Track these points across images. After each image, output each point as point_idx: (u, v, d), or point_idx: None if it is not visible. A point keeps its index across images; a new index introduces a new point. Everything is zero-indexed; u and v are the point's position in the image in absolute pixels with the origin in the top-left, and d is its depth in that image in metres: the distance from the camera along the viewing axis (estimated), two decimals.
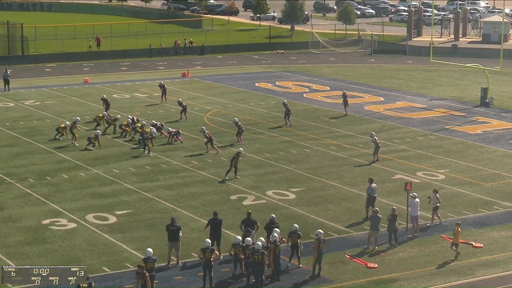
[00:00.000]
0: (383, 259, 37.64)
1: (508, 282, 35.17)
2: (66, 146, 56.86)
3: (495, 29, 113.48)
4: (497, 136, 61.59)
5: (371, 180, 43.19)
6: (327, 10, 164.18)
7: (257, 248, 34.01)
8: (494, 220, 43.07)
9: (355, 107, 70.78)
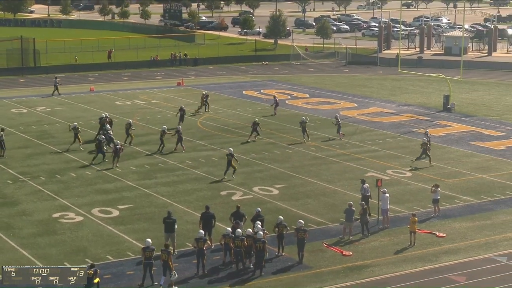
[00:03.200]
0: (357, 248, 37.68)
1: (469, 267, 35.25)
2: (74, 148, 56.63)
3: (456, 42, 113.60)
4: (458, 138, 61.71)
5: (363, 181, 43.14)
6: (307, 26, 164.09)
7: (259, 237, 34.19)
8: (456, 212, 43.16)
9: (331, 112, 70.73)
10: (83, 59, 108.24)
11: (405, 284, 33.48)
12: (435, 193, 42.34)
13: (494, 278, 34.06)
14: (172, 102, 76.68)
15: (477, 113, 72.21)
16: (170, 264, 32.87)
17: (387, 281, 33.82)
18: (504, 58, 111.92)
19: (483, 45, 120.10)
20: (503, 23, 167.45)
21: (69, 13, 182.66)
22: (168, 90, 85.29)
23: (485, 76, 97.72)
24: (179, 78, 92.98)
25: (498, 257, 36.69)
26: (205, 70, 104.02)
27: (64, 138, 59.83)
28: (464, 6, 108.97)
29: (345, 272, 34.65)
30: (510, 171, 51.77)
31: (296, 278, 34.02)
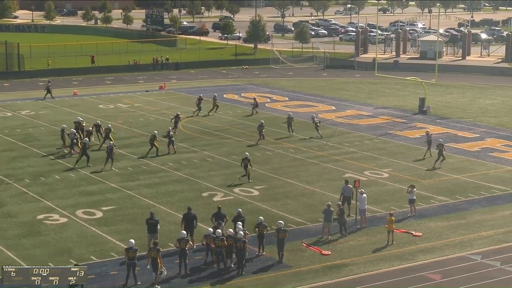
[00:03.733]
0: (335, 247, 37.74)
1: (444, 266, 35.40)
2: (58, 151, 56.44)
3: (431, 47, 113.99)
4: (433, 139, 61.82)
5: (347, 181, 43.24)
6: (286, 31, 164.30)
7: (239, 236, 34.23)
8: (431, 212, 43.32)
9: (310, 115, 70.77)
10: (66, 63, 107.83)
11: (383, 282, 33.56)
12: (411, 193, 42.49)
13: (468, 276, 34.20)
14: (154, 105, 76.57)
15: (452, 115, 72.51)
16: (159, 261, 33.00)
17: (365, 279, 33.89)
18: (478, 62, 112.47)
19: (457, 49, 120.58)
20: (476, 27, 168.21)
21: (53, 19, 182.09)
22: (151, 93, 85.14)
23: (459, 79, 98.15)
24: (161, 82, 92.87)
25: (473, 255, 36.84)
26: (186, 74, 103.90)
27: (48, 141, 59.63)
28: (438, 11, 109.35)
29: (324, 271, 34.70)
30: (484, 172, 52.03)
31: (276, 277, 34.03)
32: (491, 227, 40.87)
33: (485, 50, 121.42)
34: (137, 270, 32.91)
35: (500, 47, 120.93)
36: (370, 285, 33.24)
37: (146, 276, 33.47)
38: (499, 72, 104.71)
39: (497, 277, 34.17)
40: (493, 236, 39.59)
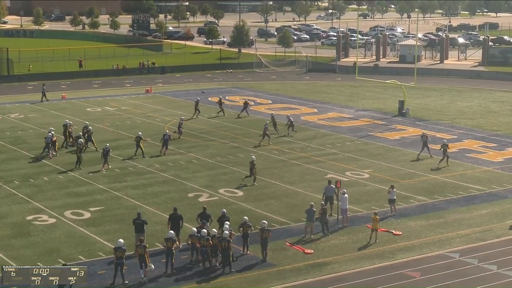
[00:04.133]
0: (318, 246, 37.79)
1: (423, 263, 35.51)
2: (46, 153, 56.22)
3: (410, 51, 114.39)
4: (412, 141, 62.12)
5: (330, 181, 43.30)
6: (269, 35, 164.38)
7: (224, 236, 34.24)
8: (411, 211, 43.45)
9: (293, 117, 70.84)
10: (54, 68, 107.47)
11: (364, 279, 33.62)
12: (391, 193, 42.62)
13: (447, 274, 34.32)
14: (140, 108, 76.46)
15: (430, 118, 72.75)
16: (146, 257, 33.11)
17: (347, 277, 33.96)
18: (455, 65, 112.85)
19: (436, 53, 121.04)
20: (454, 32, 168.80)
21: (41, 24, 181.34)
22: (137, 97, 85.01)
23: (437, 82, 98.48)
24: (147, 85, 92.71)
25: (451, 253, 36.98)
26: (172, 78, 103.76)
27: (37, 143, 59.37)
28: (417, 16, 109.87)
29: (307, 269, 34.74)
30: (461, 172, 52.22)
31: (260, 275, 34.04)
32: (469, 226, 41.03)
33: (462, 54, 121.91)
34: (125, 269, 32.85)
35: (477, 51, 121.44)
36: (352, 282, 33.31)
37: (133, 275, 33.44)
38: (476, 75, 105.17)
39: (474, 274, 34.31)
40: (471, 234, 39.75)
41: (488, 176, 51.43)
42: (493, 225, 41.25)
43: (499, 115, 74.34)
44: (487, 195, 46.89)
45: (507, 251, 37.25)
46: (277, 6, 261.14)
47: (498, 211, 43.78)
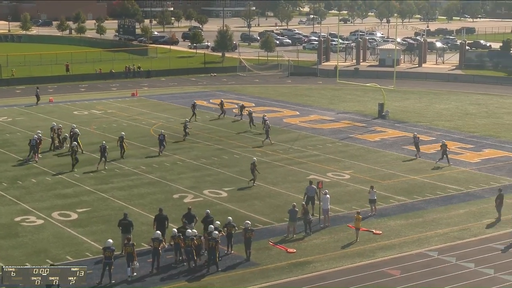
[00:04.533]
0: (300, 245, 37.82)
1: (403, 262, 35.61)
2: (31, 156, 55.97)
3: (389, 55, 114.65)
4: (392, 142, 62.29)
5: (311, 182, 43.34)
6: (252, 40, 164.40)
7: (214, 236, 34.22)
8: (391, 211, 43.56)
9: (275, 120, 70.99)
10: (41, 72, 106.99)
11: (345, 278, 33.67)
12: (372, 193, 42.73)
13: (426, 271, 34.44)
14: (127, 111, 76.28)
15: (409, 120, 72.95)
16: (134, 255, 33.29)
17: (328, 276, 33.99)
18: (433, 69, 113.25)
19: (414, 57, 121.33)
20: (432, 36, 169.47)
21: (29, 29, 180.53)
22: (123, 100, 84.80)
23: (416, 85, 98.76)
24: (133, 89, 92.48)
25: (430, 252, 37.10)
26: (157, 81, 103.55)
27: (25, 146, 59.04)
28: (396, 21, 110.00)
29: (290, 268, 34.75)
30: (440, 173, 52.40)
31: (244, 274, 34.03)
32: (447, 225, 41.18)
33: (440, 58, 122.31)
34: (112, 269, 32.78)
35: (454, 55, 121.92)
36: (333, 281, 33.34)
37: (120, 275, 33.35)
38: (453, 79, 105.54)
39: (453, 272, 34.45)
40: (449, 233, 39.90)
41: (465, 176, 51.64)
42: (470, 224, 41.41)
43: (476, 117, 74.66)
44: (465, 195, 47.08)
45: (484, 250, 37.42)
46: (260, 11, 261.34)
47: (475, 210, 43.96)
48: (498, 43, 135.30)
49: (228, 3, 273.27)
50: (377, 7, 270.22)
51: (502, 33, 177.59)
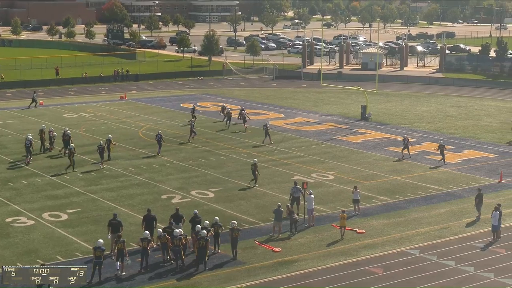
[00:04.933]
0: (286, 244, 37.83)
1: (385, 260, 35.69)
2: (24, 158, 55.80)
3: (371, 58, 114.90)
4: (374, 144, 62.41)
5: (295, 182, 43.39)
6: (238, 44, 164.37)
7: (202, 235, 34.19)
8: (373, 211, 43.64)
9: (261, 122, 70.93)
10: (32, 75, 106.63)
11: (329, 276, 33.72)
12: (355, 194, 42.81)
13: (407, 269, 34.52)
14: (115, 114, 76.10)
15: (391, 122, 73.13)
16: (125, 251, 33.38)
17: (313, 274, 34.02)
18: (414, 72, 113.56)
19: (396, 60, 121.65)
20: (413, 41, 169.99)
21: (19, 34, 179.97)
22: (112, 103, 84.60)
23: (397, 88, 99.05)
24: (121, 92, 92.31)
25: (411, 250, 37.20)
26: (145, 85, 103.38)
27: (16, 148, 58.91)
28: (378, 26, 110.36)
29: (275, 267, 34.76)
30: (421, 173, 52.55)
31: (231, 273, 34.01)
32: (428, 224, 41.30)
33: (421, 61, 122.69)
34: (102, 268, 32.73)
35: (435, 59, 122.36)
36: (318, 279, 33.37)
37: (109, 274, 33.27)
38: (434, 82, 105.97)
39: (434, 270, 34.55)
40: (430, 232, 40.01)
41: (446, 176, 51.80)
42: (451, 223, 41.55)
43: (456, 119, 74.93)
44: (445, 195, 47.23)
45: (464, 248, 37.55)
46: (246, 16, 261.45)
47: (455, 209, 44.11)
48: (477, 47, 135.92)
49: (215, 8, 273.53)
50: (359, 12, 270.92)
51: (481, 38, 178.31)
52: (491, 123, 72.90)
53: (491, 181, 50.74)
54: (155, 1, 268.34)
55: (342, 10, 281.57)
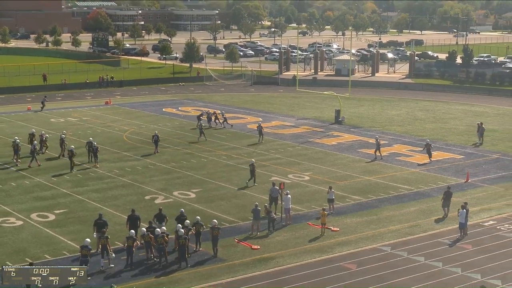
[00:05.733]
0: (264, 242, 37.83)
1: (358, 256, 35.75)
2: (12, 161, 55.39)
3: (344, 65, 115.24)
4: (348, 146, 62.56)
5: (273, 183, 43.45)
6: (217, 51, 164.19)
7: (180, 234, 34.18)
8: (347, 210, 43.74)
9: (240, 126, 70.98)
10: (20, 82, 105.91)
11: (305, 272, 33.75)
12: (330, 193, 42.89)
13: (380, 265, 34.63)
14: (100, 119, 75.76)
15: (364, 125, 73.34)
16: (108, 247, 33.49)
17: (290, 270, 34.04)
18: (385, 78, 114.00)
19: (368, 67, 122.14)
20: (384, 48, 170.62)
21: (8, 42, 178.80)
22: (97, 108, 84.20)
23: (369, 93, 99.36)
24: (106, 98, 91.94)
25: (383, 247, 37.32)
26: (129, 90, 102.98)
27: (3, 152, 58.48)
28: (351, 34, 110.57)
29: (254, 264, 34.75)
30: (392, 174, 52.74)
31: (212, 270, 33.96)
32: (399, 222, 41.46)
33: (392, 67, 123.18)
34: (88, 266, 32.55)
35: (404, 65, 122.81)
36: (295, 275, 33.40)
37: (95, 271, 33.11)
38: (404, 87, 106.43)
39: (405, 265, 34.68)
40: (401, 229, 40.16)
41: (415, 177, 52.03)
42: (420, 221, 41.73)
43: (425, 122, 75.29)
44: (415, 194, 47.43)
45: (433, 244, 37.73)
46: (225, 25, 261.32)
47: (424, 208, 44.31)
48: (445, 54, 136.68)
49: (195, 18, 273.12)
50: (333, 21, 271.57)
51: (448, 45, 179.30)
52: (457, 126, 73.32)
53: (458, 180, 51.03)
54: (138, 11, 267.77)
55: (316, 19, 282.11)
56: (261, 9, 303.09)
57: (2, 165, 54.65)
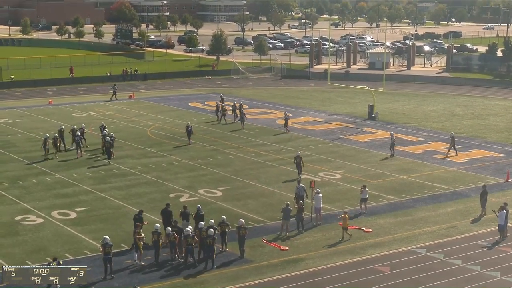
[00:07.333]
0: (293, 243, 37.83)
1: (392, 259, 35.66)
2: (35, 156, 55.89)
3: (378, 58, 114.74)
4: (381, 143, 62.34)
5: (299, 181, 43.57)
6: (246, 44, 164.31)
7: (209, 234, 34.36)
8: (380, 210, 43.60)
9: (268, 121, 71.02)
10: (41, 75, 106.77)
11: (336, 274, 33.71)
12: (363, 192, 42.78)
13: (414, 268, 34.49)
14: (124, 113, 76.17)
15: (398, 121, 73.03)
16: (138, 243, 34.55)
17: (321, 272, 34.02)
18: (421, 71, 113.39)
19: (403, 60, 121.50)
20: (420, 40, 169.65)
21: (29, 33, 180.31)
22: (121, 102, 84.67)
23: (404, 88, 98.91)
24: (130, 91, 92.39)
25: (418, 249, 37.16)
26: (154, 84, 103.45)
27: (25, 147, 59.09)
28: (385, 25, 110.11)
29: (283, 265, 34.77)
30: (428, 172, 52.48)
31: (238, 271, 34.03)
32: (435, 223, 41.25)
33: (428, 61, 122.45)
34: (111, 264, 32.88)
35: (441, 58, 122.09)
36: (325, 277, 33.37)
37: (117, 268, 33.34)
38: (441, 81, 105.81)
39: (440, 268, 34.52)
40: (437, 231, 39.96)
41: (453, 176, 51.73)
42: (457, 222, 41.50)
43: (463, 119, 74.81)
44: (452, 194, 47.17)
45: (470, 247, 37.50)
46: (253, 16, 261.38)
47: (462, 208, 44.05)
48: (484, 47, 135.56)
49: (223, 8, 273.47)
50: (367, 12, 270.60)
51: (488, 37, 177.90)
52: (497, 122, 72.74)
53: (498, 180, 50.66)
54: (163, 1, 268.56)
55: (349, 10, 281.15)
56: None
57: (22, 160, 55.14)
